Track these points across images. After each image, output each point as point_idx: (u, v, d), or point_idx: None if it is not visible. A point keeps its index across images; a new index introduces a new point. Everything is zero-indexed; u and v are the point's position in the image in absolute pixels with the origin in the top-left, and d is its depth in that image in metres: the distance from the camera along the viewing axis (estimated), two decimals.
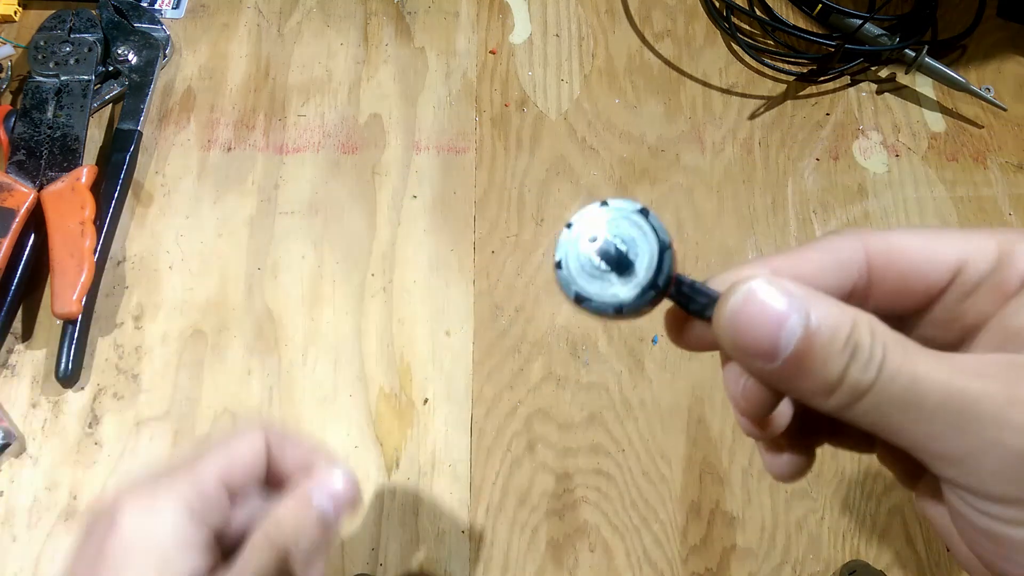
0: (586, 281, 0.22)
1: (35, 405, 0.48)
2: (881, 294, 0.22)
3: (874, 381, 0.19)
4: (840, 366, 0.19)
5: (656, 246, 0.22)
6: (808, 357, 0.19)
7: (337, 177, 0.57)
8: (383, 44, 0.62)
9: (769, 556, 0.47)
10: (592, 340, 0.52)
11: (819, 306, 0.19)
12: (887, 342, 0.19)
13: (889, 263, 0.21)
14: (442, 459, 0.49)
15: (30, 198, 0.51)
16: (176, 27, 0.61)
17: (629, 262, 0.22)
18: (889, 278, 0.22)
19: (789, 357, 0.19)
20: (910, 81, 0.64)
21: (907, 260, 0.21)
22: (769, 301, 0.19)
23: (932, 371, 0.19)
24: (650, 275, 0.22)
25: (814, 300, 0.19)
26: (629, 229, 0.22)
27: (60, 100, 0.55)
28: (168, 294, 0.52)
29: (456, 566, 0.46)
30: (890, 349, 0.19)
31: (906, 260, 0.21)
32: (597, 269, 0.22)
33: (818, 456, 0.50)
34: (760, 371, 0.20)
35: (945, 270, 0.21)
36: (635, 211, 0.22)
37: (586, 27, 0.64)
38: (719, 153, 0.60)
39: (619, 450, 0.49)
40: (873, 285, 0.22)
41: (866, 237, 0.22)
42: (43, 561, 0.44)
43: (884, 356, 0.19)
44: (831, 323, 0.19)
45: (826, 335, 0.19)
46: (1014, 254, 0.21)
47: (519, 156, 0.58)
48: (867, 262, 0.22)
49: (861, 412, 0.19)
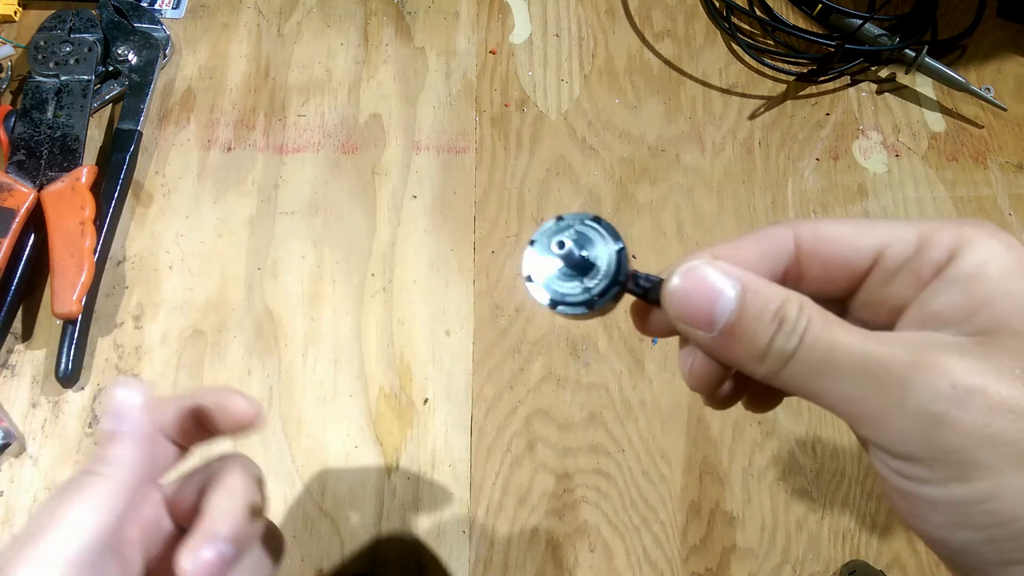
0: (556, 287, 0.25)
1: (35, 405, 0.48)
2: (811, 278, 0.24)
3: (796, 348, 0.21)
4: (768, 335, 0.21)
5: (613, 247, 0.24)
6: (740, 326, 0.22)
7: (337, 177, 0.57)
8: (383, 44, 0.62)
9: (769, 556, 0.47)
10: (592, 340, 0.52)
11: (750, 283, 0.22)
12: (812, 316, 0.21)
13: (816, 249, 0.24)
14: (442, 459, 0.49)
15: (30, 198, 0.51)
16: (176, 27, 0.61)
17: (591, 264, 0.24)
18: (816, 263, 0.24)
19: (724, 327, 0.22)
20: (910, 81, 0.64)
21: (832, 247, 0.24)
22: (706, 277, 0.22)
23: (848, 340, 0.21)
24: (611, 272, 0.24)
25: (746, 278, 0.22)
26: (586, 235, 0.25)
27: (60, 100, 0.55)
28: (168, 294, 0.52)
29: (456, 566, 0.46)
30: (813, 321, 0.21)
31: (831, 247, 0.24)
32: (564, 275, 0.25)
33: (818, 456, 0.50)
34: (702, 342, 0.23)
35: (866, 256, 0.23)
36: (589, 219, 0.25)
37: (586, 27, 0.64)
38: (719, 153, 0.60)
39: (619, 450, 0.49)
40: (803, 269, 0.24)
41: (796, 226, 0.24)
42: None
43: (807, 327, 0.21)
44: (762, 297, 0.22)
45: (757, 307, 0.22)
46: (931, 242, 0.22)
47: (519, 156, 0.58)
48: (796, 249, 0.24)
49: (788, 378, 0.22)
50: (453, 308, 0.53)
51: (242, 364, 0.50)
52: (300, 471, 0.47)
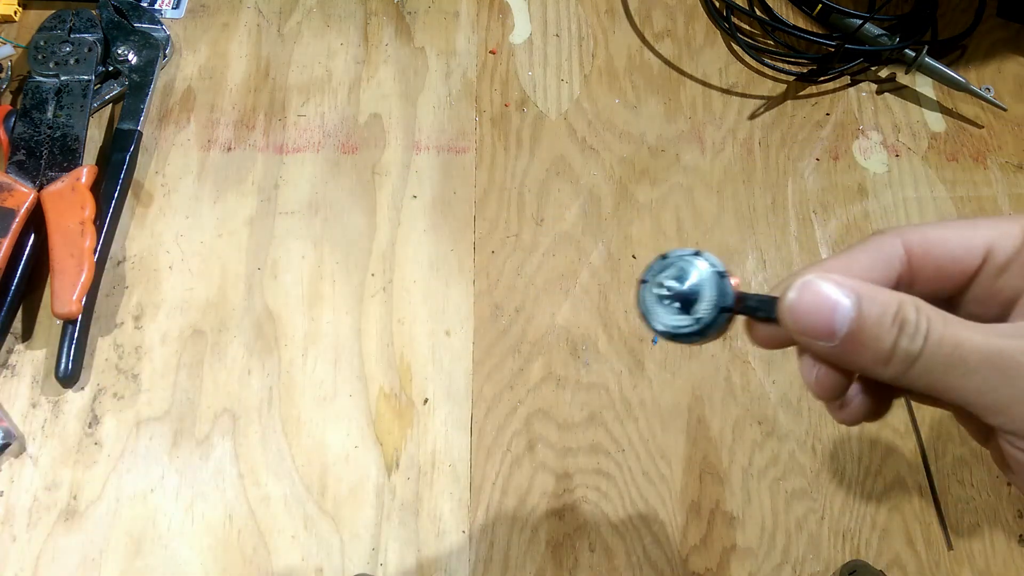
0: (669, 320, 0.27)
1: (35, 405, 0.48)
2: (923, 281, 0.25)
3: (921, 349, 0.22)
4: (891, 339, 0.22)
5: (715, 277, 0.26)
6: (862, 333, 0.23)
7: (337, 177, 0.57)
8: (383, 44, 0.62)
9: (769, 556, 0.47)
10: (592, 340, 0.52)
11: (866, 291, 0.23)
12: (931, 316, 0.22)
13: (927, 253, 0.25)
14: (442, 459, 0.49)
15: (30, 198, 0.51)
16: (176, 27, 0.61)
17: (696, 295, 0.26)
18: (929, 266, 0.25)
19: (845, 336, 0.23)
20: (910, 81, 0.64)
21: (943, 249, 0.25)
22: (820, 290, 0.23)
23: (972, 336, 0.22)
24: (718, 301, 0.26)
25: (861, 286, 0.23)
26: (689, 269, 0.27)
27: (60, 100, 0.55)
28: (168, 294, 0.52)
29: (456, 566, 0.46)
30: (934, 321, 0.22)
31: (942, 249, 0.25)
32: (674, 309, 0.27)
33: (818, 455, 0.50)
34: (823, 351, 0.24)
35: (976, 254, 0.25)
36: (690, 254, 0.27)
37: (586, 27, 0.64)
38: (719, 153, 0.60)
39: (619, 450, 0.49)
40: (915, 273, 0.25)
41: (904, 233, 0.25)
42: (43, 561, 0.44)
43: (928, 327, 0.22)
44: (879, 303, 0.23)
45: (876, 314, 0.23)
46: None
47: (519, 156, 0.58)
48: (907, 254, 0.25)
49: (915, 377, 0.23)
50: (453, 308, 0.53)
51: (242, 364, 0.50)
52: (300, 471, 0.47)
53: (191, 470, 0.47)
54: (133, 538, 0.45)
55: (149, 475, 0.47)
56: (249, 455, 0.48)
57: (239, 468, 0.47)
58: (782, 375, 0.52)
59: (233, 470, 0.47)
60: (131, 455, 0.47)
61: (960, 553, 0.48)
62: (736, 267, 0.55)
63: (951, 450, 0.51)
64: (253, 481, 0.47)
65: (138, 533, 0.45)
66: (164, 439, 0.48)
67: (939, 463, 0.50)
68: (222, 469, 0.47)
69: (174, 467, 0.47)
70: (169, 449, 0.47)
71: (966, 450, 0.51)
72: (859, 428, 0.51)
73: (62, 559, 0.44)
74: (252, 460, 0.47)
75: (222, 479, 0.47)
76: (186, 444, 0.48)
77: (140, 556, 0.45)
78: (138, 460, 0.47)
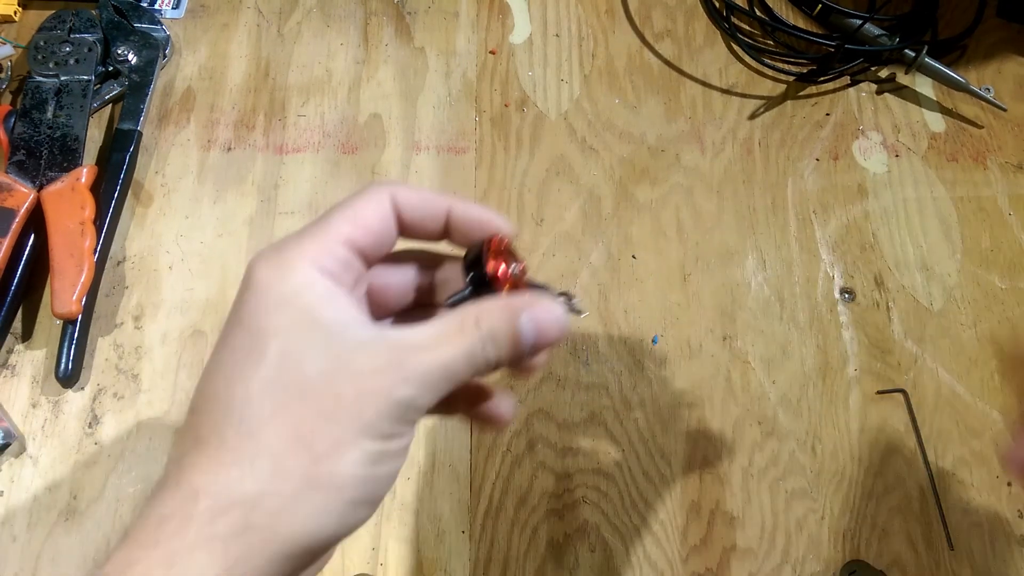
0: None
1: (35, 405, 0.48)
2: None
3: None
4: None
5: None
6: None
7: (337, 177, 0.57)
8: (383, 44, 0.62)
9: (769, 556, 0.47)
10: (592, 340, 0.52)
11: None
12: None
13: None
14: (442, 459, 0.49)
15: (30, 198, 0.51)
16: (176, 27, 0.61)
17: None
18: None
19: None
20: (910, 81, 0.64)
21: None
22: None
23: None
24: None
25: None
26: None
27: (60, 100, 0.55)
28: (168, 294, 0.52)
29: (456, 566, 0.46)
30: None
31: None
32: None
33: (818, 455, 0.50)
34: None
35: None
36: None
37: (586, 27, 0.64)
38: (719, 153, 0.60)
39: (619, 450, 0.49)
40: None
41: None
42: (43, 561, 0.44)
43: None
44: None
45: None
46: None
47: (519, 156, 0.58)
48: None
49: None
50: None
51: None
52: None
53: None
54: None
55: (149, 475, 0.47)
56: None
57: None
58: (782, 375, 0.52)
59: None
60: (131, 455, 0.47)
61: (960, 553, 0.48)
62: (736, 267, 0.55)
63: (951, 450, 0.51)
64: None
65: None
66: (164, 439, 0.48)
67: (939, 463, 0.50)
68: None
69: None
70: (169, 449, 0.47)
71: (966, 450, 0.51)
72: (859, 428, 0.51)
73: (62, 559, 0.44)
74: None
75: None
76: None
77: None
78: (138, 460, 0.47)
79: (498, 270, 0.27)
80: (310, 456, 0.22)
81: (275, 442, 0.23)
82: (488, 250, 0.27)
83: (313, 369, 0.23)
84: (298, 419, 0.23)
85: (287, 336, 0.24)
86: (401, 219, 0.28)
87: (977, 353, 0.54)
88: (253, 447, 0.23)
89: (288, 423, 0.23)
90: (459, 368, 0.25)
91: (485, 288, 0.27)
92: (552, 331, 0.26)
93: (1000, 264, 0.57)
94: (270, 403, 0.23)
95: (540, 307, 0.26)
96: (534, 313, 0.26)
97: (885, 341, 0.54)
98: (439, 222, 0.29)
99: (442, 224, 0.29)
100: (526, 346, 0.26)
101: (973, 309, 0.55)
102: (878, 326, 0.54)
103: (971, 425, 0.52)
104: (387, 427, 0.24)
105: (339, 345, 0.24)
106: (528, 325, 0.26)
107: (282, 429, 0.23)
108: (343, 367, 0.24)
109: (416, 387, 0.24)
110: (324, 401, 0.23)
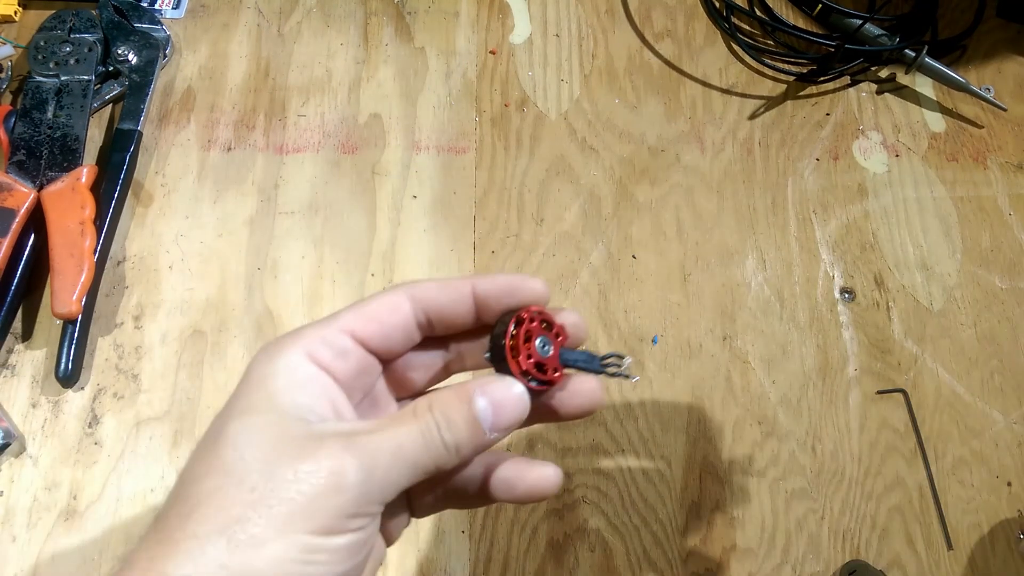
0: None
1: (35, 405, 0.48)
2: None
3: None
4: None
5: None
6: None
7: (337, 177, 0.57)
8: (383, 44, 0.62)
9: (769, 556, 0.47)
10: (592, 340, 0.52)
11: None
12: None
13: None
14: None
15: (30, 198, 0.51)
16: (176, 27, 0.61)
17: None
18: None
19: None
20: (910, 81, 0.64)
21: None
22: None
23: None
24: None
25: None
26: None
27: (60, 100, 0.55)
28: (168, 294, 0.52)
29: (456, 566, 0.46)
30: None
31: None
32: None
33: (818, 455, 0.50)
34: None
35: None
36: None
37: (586, 27, 0.64)
38: (719, 153, 0.60)
39: (619, 450, 0.49)
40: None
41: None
42: (43, 561, 0.44)
43: None
44: None
45: None
46: None
47: (519, 156, 0.58)
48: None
49: None
50: None
51: (242, 364, 0.50)
52: None
53: None
54: (133, 538, 0.45)
55: (149, 475, 0.47)
56: None
57: None
58: (782, 375, 0.52)
59: None
60: (131, 455, 0.47)
61: (960, 553, 0.48)
62: (736, 267, 0.56)
63: (951, 450, 0.51)
64: None
65: (138, 533, 0.45)
66: (164, 439, 0.48)
67: (939, 463, 0.50)
68: None
69: (174, 467, 0.47)
70: (169, 449, 0.47)
71: (966, 450, 0.51)
72: (859, 428, 0.51)
73: (62, 559, 0.44)
74: None
75: None
76: (186, 444, 0.48)
77: None
78: (138, 460, 0.47)
79: (516, 346, 0.26)
80: (229, 545, 0.21)
81: (201, 527, 0.22)
82: (512, 322, 0.26)
83: (255, 454, 0.23)
84: (229, 503, 0.22)
85: (241, 420, 0.24)
86: (427, 314, 0.28)
87: (977, 353, 0.54)
88: (181, 532, 0.22)
89: (218, 508, 0.22)
90: (414, 452, 0.24)
91: (502, 365, 0.26)
92: (510, 411, 0.26)
93: (1000, 264, 0.57)
94: (209, 486, 0.22)
95: (495, 387, 0.26)
96: (489, 393, 0.25)
97: (885, 341, 0.54)
98: (467, 305, 0.28)
99: (471, 307, 0.28)
100: (485, 428, 0.25)
101: (973, 309, 0.55)
102: (878, 326, 0.54)
103: (971, 425, 0.52)
104: (327, 520, 0.22)
105: (286, 432, 0.23)
106: (483, 407, 0.25)
107: (211, 513, 0.22)
108: (283, 452, 0.23)
109: (363, 471, 0.23)
110: (258, 488, 0.22)
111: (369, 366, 0.27)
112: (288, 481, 0.22)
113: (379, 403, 0.29)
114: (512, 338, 0.26)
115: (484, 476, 0.28)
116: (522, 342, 0.26)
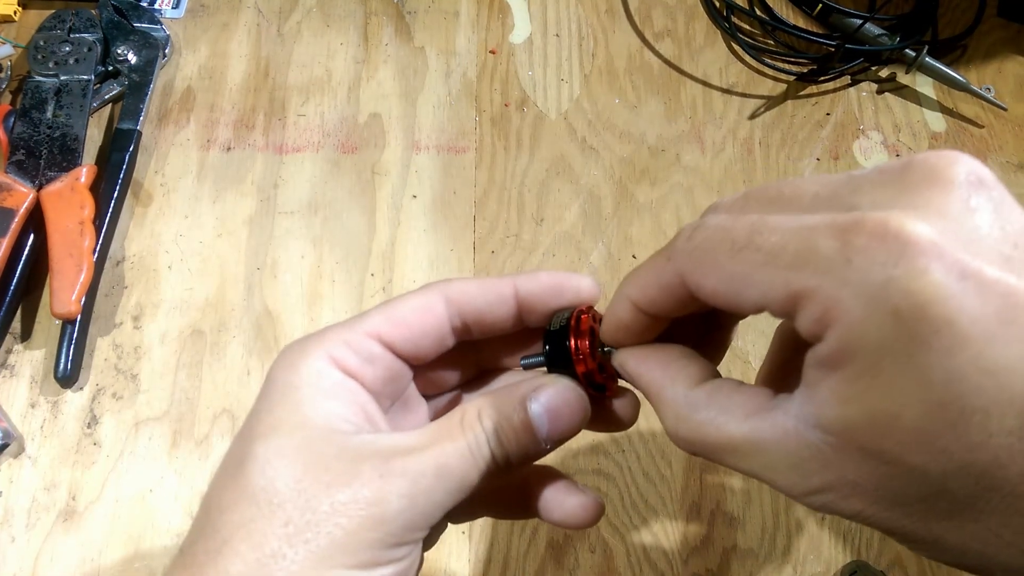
0: None
1: (34, 405, 0.48)
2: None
3: None
4: None
5: None
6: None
7: (337, 177, 0.57)
8: (383, 44, 0.62)
9: (770, 557, 0.47)
10: None
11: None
12: None
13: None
14: None
15: (29, 198, 0.50)
16: (176, 27, 0.61)
17: None
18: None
19: None
20: (910, 81, 0.64)
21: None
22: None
23: None
24: None
25: None
26: None
27: (60, 100, 0.55)
28: (167, 294, 0.52)
29: (456, 566, 0.46)
30: None
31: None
32: None
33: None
34: None
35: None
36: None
37: (586, 27, 0.64)
38: (719, 153, 0.60)
39: (619, 450, 0.49)
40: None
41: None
42: (42, 561, 0.44)
43: None
44: None
45: None
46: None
47: (519, 156, 0.58)
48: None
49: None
50: None
51: (241, 364, 0.50)
52: None
53: (190, 470, 0.47)
54: (132, 538, 0.45)
55: (148, 475, 0.47)
56: None
57: None
58: None
59: None
60: (130, 455, 0.47)
61: None
62: None
63: None
64: None
65: (137, 533, 0.45)
66: (163, 439, 0.48)
67: None
68: None
69: (173, 467, 0.47)
70: (168, 449, 0.47)
71: None
72: None
73: (61, 559, 0.44)
74: None
75: None
76: (185, 444, 0.48)
77: (139, 556, 0.45)
78: (137, 460, 0.47)
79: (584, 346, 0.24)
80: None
81: (233, 566, 0.20)
82: (575, 326, 0.24)
83: (287, 481, 0.21)
84: (261, 538, 0.20)
85: (268, 441, 0.22)
86: (464, 318, 0.26)
87: None
88: (213, 569, 0.20)
89: (251, 545, 0.20)
90: (460, 470, 0.22)
91: (562, 368, 0.24)
92: (569, 418, 0.23)
93: None
94: (238, 517, 0.21)
95: (550, 391, 0.23)
96: (545, 398, 0.23)
97: None
98: (508, 307, 0.25)
99: (512, 309, 0.25)
100: (541, 438, 0.23)
101: None
102: None
103: None
104: (368, 553, 0.20)
105: (318, 452, 0.21)
106: (539, 413, 0.23)
107: (243, 550, 0.20)
108: (317, 478, 0.21)
109: (404, 498, 0.21)
110: (293, 520, 0.20)
111: (398, 373, 0.25)
112: (325, 513, 0.20)
113: (409, 404, 0.27)
114: (576, 338, 0.24)
115: (525, 490, 0.26)
116: (587, 343, 0.24)
